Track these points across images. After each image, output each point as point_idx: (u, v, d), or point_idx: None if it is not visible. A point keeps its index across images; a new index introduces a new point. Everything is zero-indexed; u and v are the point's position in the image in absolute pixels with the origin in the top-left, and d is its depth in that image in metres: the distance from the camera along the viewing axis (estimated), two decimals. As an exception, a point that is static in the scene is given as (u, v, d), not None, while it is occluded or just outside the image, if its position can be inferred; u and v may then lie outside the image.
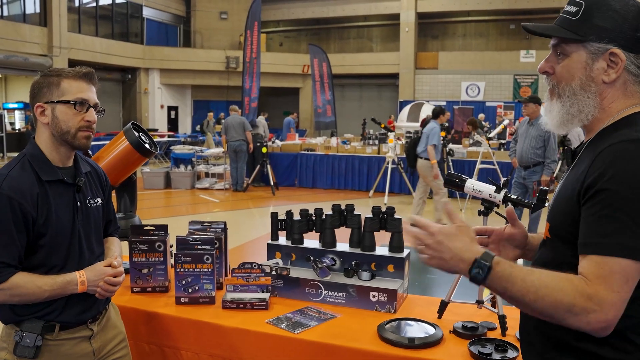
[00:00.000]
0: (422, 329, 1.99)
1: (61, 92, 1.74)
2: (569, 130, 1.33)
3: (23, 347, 1.70)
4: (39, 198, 1.69)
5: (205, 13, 26.56)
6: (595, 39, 1.24)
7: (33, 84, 1.78)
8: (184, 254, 2.23)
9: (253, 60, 12.98)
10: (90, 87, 1.79)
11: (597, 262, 1.12)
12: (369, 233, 2.35)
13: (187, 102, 26.54)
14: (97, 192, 1.92)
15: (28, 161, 1.74)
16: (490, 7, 23.46)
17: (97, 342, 1.86)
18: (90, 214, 1.85)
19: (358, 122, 19.47)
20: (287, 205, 9.57)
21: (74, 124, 1.75)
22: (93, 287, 1.76)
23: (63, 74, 1.76)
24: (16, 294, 1.66)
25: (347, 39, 27.45)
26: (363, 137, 13.16)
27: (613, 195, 1.12)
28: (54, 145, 1.77)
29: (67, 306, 1.76)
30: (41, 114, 1.75)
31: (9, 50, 17.60)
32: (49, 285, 1.69)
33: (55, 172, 1.76)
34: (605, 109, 1.27)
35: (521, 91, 22.69)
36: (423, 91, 24.16)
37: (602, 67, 1.25)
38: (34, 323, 1.72)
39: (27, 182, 1.69)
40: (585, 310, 1.11)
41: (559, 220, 1.27)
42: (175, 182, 11.84)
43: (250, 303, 2.21)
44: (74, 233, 1.78)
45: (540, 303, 1.15)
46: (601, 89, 1.26)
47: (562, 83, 1.30)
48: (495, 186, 2.11)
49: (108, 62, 21.50)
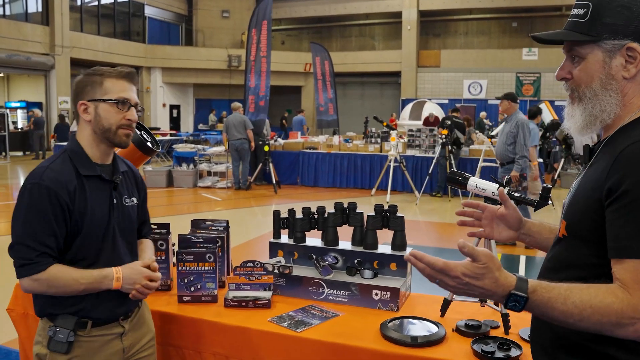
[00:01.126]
0: (424, 327, 1.98)
1: (104, 90, 1.79)
2: (592, 132, 1.31)
3: (56, 342, 1.74)
4: (77, 191, 1.73)
5: (207, 11, 26.57)
6: (609, 37, 1.22)
7: (77, 82, 1.83)
8: (186, 253, 2.23)
9: (261, 58, 12.93)
10: (132, 86, 1.84)
11: (633, 267, 1.10)
12: (372, 231, 2.34)
13: (189, 100, 26.56)
14: (133, 191, 1.96)
15: (68, 156, 1.79)
16: (492, 5, 23.43)
17: (128, 339, 1.88)
18: (125, 212, 1.88)
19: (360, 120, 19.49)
20: (289, 203, 9.57)
21: (115, 122, 1.79)
22: (128, 285, 1.79)
23: (106, 73, 1.81)
24: (53, 285, 1.70)
25: (349, 37, 27.43)
26: (365, 135, 13.15)
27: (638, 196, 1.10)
28: (94, 142, 1.82)
29: (99, 302, 1.78)
30: (84, 111, 1.80)
31: (11, 49, 17.63)
32: (85, 279, 1.72)
33: (94, 168, 1.80)
34: (626, 105, 1.25)
35: (523, 89, 22.66)
36: (425, 89, 24.15)
37: (621, 63, 1.23)
38: (66, 319, 1.76)
39: (66, 175, 1.73)
40: (632, 319, 1.09)
41: (577, 218, 1.25)
42: (178, 180, 11.85)
43: (252, 301, 2.20)
44: (108, 229, 1.80)
45: (585, 323, 1.13)
46: (622, 85, 1.24)
47: (582, 86, 1.28)
48: (498, 184, 2.10)
49: (110, 60, 21.50)
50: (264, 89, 12.95)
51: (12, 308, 2.48)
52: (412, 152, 11.42)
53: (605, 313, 1.11)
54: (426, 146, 11.41)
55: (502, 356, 1.78)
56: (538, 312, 1.18)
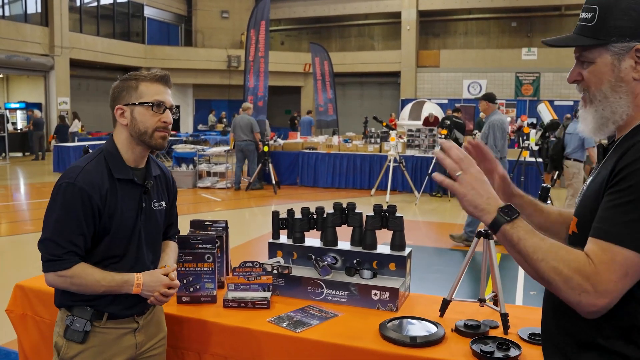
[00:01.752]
0: (424, 327, 1.98)
1: (139, 94, 1.82)
2: (606, 134, 1.32)
3: (73, 331, 1.79)
4: (108, 193, 1.77)
5: (206, 12, 26.57)
6: (617, 39, 1.23)
7: (113, 88, 1.86)
8: (185, 253, 2.23)
9: (259, 59, 12.93)
10: (166, 89, 1.87)
11: (604, 247, 1.13)
12: (371, 231, 2.34)
13: (189, 101, 26.56)
14: (163, 195, 1.98)
15: (104, 157, 1.82)
16: (491, 4, 23.43)
17: (141, 335, 1.91)
18: (152, 216, 1.91)
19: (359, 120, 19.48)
20: (289, 203, 9.57)
21: (151, 125, 1.82)
22: (148, 292, 1.83)
23: (140, 77, 1.84)
24: (76, 283, 1.74)
25: (349, 37, 27.43)
26: (365, 136, 13.15)
27: (635, 187, 1.12)
28: (130, 145, 1.85)
29: (116, 300, 1.83)
30: (121, 115, 1.83)
31: (11, 50, 17.63)
32: (107, 281, 1.77)
33: (127, 171, 1.83)
34: (638, 106, 1.26)
35: (523, 89, 22.67)
36: (425, 89, 24.15)
37: (630, 65, 1.24)
38: (84, 309, 1.81)
39: (100, 177, 1.77)
40: (580, 287, 1.13)
41: (587, 215, 1.26)
42: (177, 181, 11.66)
43: (251, 302, 2.20)
44: (134, 232, 1.84)
45: (544, 264, 1.17)
46: (632, 86, 1.25)
47: (592, 88, 1.29)
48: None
49: (109, 61, 21.53)
50: (262, 89, 12.95)
51: (11, 309, 2.48)
52: (411, 152, 11.42)
53: (562, 266, 1.15)
54: (426, 146, 11.41)
55: (501, 356, 1.78)
56: (515, 236, 1.21)
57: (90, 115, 21.36)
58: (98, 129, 20.85)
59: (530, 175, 10.15)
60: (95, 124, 21.33)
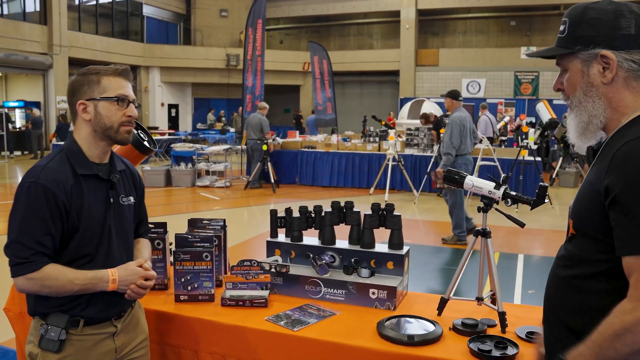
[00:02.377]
0: (421, 326, 1.99)
1: (102, 89, 1.79)
2: (592, 139, 1.38)
3: (48, 341, 1.73)
4: (73, 190, 1.73)
5: (205, 11, 26.53)
6: (583, 48, 1.33)
7: (72, 82, 1.83)
8: (183, 252, 2.23)
9: (256, 57, 12.93)
10: (128, 83, 1.85)
11: (635, 263, 1.16)
12: (369, 230, 2.34)
13: (188, 100, 26.53)
14: (131, 190, 1.95)
15: (66, 155, 1.78)
16: (490, 3, 23.41)
17: (120, 339, 1.87)
18: (122, 212, 1.87)
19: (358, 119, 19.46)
20: (288, 202, 9.58)
21: (116, 119, 1.79)
22: (124, 286, 1.78)
23: (102, 71, 1.81)
24: (47, 284, 1.68)
25: (348, 36, 27.41)
26: (363, 135, 13.14)
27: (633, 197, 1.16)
28: (94, 140, 1.81)
29: (92, 302, 1.77)
30: (83, 110, 1.79)
31: (9, 48, 17.59)
32: (80, 280, 1.71)
33: (91, 167, 1.80)
34: (616, 109, 1.32)
35: (522, 88, 22.67)
36: (424, 88, 24.13)
37: (598, 70, 1.32)
38: (58, 317, 1.74)
39: (63, 174, 1.73)
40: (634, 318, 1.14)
41: (583, 216, 1.31)
42: (176, 180, 11.83)
43: (249, 300, 2.20)
44: (104, 228, 1.80)
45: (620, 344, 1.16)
46: (603, 91, 1.32)
47: (570, 95, 1.39)
48: (495, 183, 2.11)
49: (108, 60, 21.43)
50: (260, 88, 12.94)
51: (9, 308, 2.48)
52: (410, 151, 11.41)
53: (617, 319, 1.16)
54: (424, 145, 11.41)
55: (499, 355, 1.78)
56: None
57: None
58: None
59: (529, 174, 10.15)
60: (94, 122, 21.27)
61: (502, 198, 2.08)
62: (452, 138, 6.51)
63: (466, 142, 6.63)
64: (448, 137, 6.54)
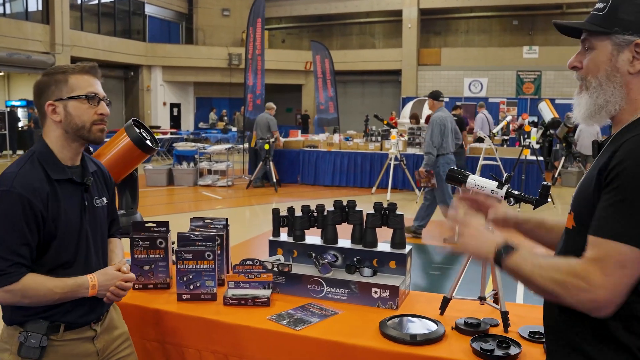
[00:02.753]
0: (424, 325, 1.98)
1: (70, 88, 1.73)
2: (598, 122, 1.37)
3: (28, 348, 1.67)
4: (49, 197, 1.68)
5: (207, 10, 26.54)
6: (620, 31, 1.27)
7: (38, 83, 1.76)
8: (185, 251, 2.23)
9: (257, 57, 12.95)
10: (97, 80, 1.79)
11: (597, 244, 1.18)
12: (371, 229, 2.34)
13: (190, 99, 26.54)
14: (103, 191, 1.91)
15: (37, 159, 1.72)
16: (493, 3, 23.38)
17: (100, 342, 1.85)
18: (97, 214, 1.84)
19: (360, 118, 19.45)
20: (290, 202, 9.57)
21: (88, 118, 1.74)
22: (103, 290, 1.76)
23: (68, 70, 1.75)
24: (27, 295, 1.64)
25: (350, 35, 27.40)
26: (365, 134, 13.14)
27: (627, 185, 1.16)
28: (65, 142, 1.76)
29: (72, 307, 1.74)
30: (52, 112, 1.73)
31: (12, 47, 17.61)
32: (60, 288, 1.68)
33: (65, 171, 1.75)
34: (632, 101, 1.29)
35: (524, 87, 22.63)
36: (426, 87, 24.08)
37: (628, 58, 1.28)
38: (38, 323, 1.70)
39: (37, 181, 1.67)
40: (575, 286, 1.17)
41: (583, 208, 1.30)
42: (178, 179, 11.84)
43: (251, 300, 2.20)
44: (81, 233, 1.76)
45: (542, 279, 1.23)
46: (627, 79, 1.29)
47: (589, 75, 1.33)
48: (498, 182, 2.10)
49: (110, 59, 21.50)
50: (260, 87, 12.95)
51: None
52: (412, 151, 11.39)
53: (555, 274, 1.21)
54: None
55: (501, 354, 1.78)
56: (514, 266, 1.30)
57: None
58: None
59: (531, 173, 10.14)
60: (97, 121, 21.30)
61: (504, 197, 2.07)
62: (432, 137, 6.60)
63: (447, 141, 6.72)
64: (429, 136, 6.64)
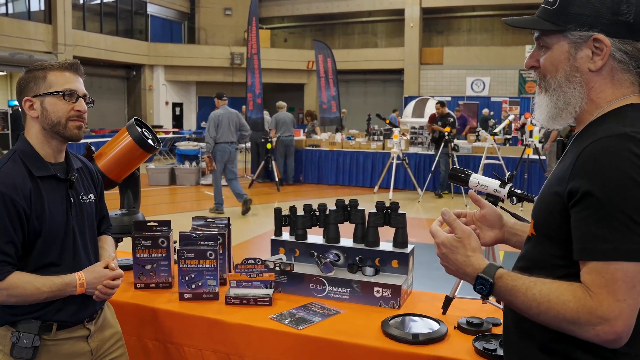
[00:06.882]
0: (426, 324, 1.98)
1: (48, 84, 1.73)
2: (560, 124, 1.28)
3: (20, 348, 1.66)
4: (32, 194, 1.67)
5: (209, 9, 26.55)
6: (575, 27, 1.19)
7: (19, 81, 1.77)
8: (187, 250, 2.23)
9: (254, 56, 12.96)
10: (77, 78, 1.78)
11: (597, 270, 1.07)
12: (373, 228, 2.33)
13: (192, 98, 26.56)
14: (90, 188, 1.90)
15: (19, 157, 1.72)
16: (495, 1, 23.34)
17: (94, 341, 1.84)
18: (84, 210, 1.83)
19: (363, 117, 19.43)
20: (292, 201, 9.56)
21: (63, 114, 1.73)
22: (92, 289, 1.75)
23: (48, 67, 1.75)
24: (14, 294, 1.63)
25: (352, 34, 27.38)
26: (368, 133, 13.14)
27: (602, 198, 1.07)
28: (45, 139, 1.75)
29: (64, 305, 1.74)
30: (30, 108, 1.74)
31: (14, 47, 17.64)
32: (48, 287, 1.67)
33: (47, 168, 1.74)
34: (593, 100, 1.21)
35: (527, 86, 22.59)
36: (428, 87, 24.09)
37: (587, 55, 1.19)
38: (30, 323, 1.69)
39: (19, 178, 1.66)
40: (590, 323, 1.07)
41: (543, 217, 1.23)
42: (180, 178, 11.85)
43: (253, 299, 2.20)
44: (67, 229, 1.75)
45: (544, 316, 1.13)
46: (587, 78, 1.20)
47: (547, 76, 1.25)
48: (500, 181, 2.10)
49: (113, 59, 21.53)
50: (259, 86, 12.96)
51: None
52: (414, 150, 11.40)
53: (560, 310, 1.10)
54: (429, 143, 11.38)
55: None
56: (504, 299, 1.21)
57: (94, 112, 21.36)
58: (101, 127, 20.86)
59: (533, 172, 10.12)
60: (99, 121, 21.34)
61: (507, 196, 2.07)
62: (209, 130, 8.28)
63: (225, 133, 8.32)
64: (207, 129, 8.41)
